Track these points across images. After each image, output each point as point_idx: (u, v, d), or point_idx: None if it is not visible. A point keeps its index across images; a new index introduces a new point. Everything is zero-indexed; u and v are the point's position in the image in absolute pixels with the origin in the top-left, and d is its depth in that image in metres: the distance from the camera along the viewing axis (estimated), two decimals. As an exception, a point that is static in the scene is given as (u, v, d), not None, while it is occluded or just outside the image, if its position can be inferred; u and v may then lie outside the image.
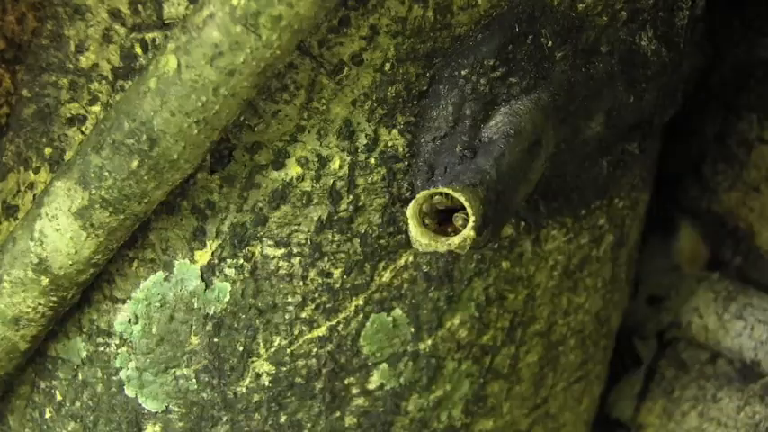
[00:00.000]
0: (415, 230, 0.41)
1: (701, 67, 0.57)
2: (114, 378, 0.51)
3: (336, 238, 0.48)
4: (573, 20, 0.47)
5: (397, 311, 0.51)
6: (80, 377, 0.51)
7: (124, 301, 0.49)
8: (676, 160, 0.72)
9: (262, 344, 0.50)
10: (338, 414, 0.53)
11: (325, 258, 0.49)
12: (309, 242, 0.48)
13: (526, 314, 0.56)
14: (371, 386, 0.53)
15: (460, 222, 0.42)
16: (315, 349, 0.51)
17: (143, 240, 0.48)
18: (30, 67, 0.47)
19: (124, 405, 0.51)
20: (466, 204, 0.41)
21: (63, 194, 0.44)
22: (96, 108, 0.46)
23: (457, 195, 0.41)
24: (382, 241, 0.49)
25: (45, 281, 0.46)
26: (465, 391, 0.56)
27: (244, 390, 0.51)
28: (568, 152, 0.51)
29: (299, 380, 0.51)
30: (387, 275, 0.50)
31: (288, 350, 0.50)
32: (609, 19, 0.48)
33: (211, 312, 0.49)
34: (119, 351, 0.50)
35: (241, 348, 0.50)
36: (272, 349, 0.50)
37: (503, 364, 0.56)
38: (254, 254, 0.48)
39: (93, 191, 0.43)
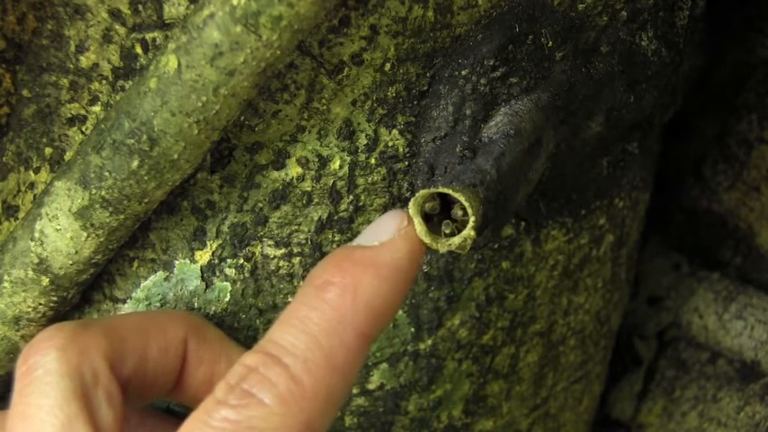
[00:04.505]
0: (417, 229, 0.42)
1: (702, 67, 0.57)
2: (114, 378, 0.51)
3: (337, 238, 0.48)
4: (573, 20, 0.47)
5: (398, 311, 0.51)
6: (80, 377, 0.51)
7: (124, 301, 0.49)
8: (676, 160, 0.72)
9: (262, 344, 0.50)
10: (338, 414, 0.53)
11: (326, 258, 0.49)
12: (310, 242, 0.48)
13: (526, 314, 0.56)
14: (371, 386, 0.53)
15: (449, 231, 0.42)
16: (315, 349, 0.51)
17: (143, 240, 0.48)
18: (30, 67, 0.47)
19: (124, 405, 0.51)
20: (466, 204, 0.41)
21: (63, 194, 0.44)
22: (97, 108, 0.46)
23: (457, 195, 0.41)
24: (382, 241, 0.49)
25: (45, 281, 0.46)
26: (465, 391, 0.56)
27: (244, 390, 0.51)
28: (568, 152, 0.51)
29: (299, 380, 0.51)
30: (387, 275, 0.50)
31: (288, 350, 0.50)
32: (609, 19, 0.48)
33: (212, 312, 0.49)
34: (119, 351, 0.50)
35: (241, 348, 0.50)
36: (273, 349, 0.50)
37: (503, 364, 0.56)
38: (254, 254, 0.48)
39: (94, 191, 0.43)
